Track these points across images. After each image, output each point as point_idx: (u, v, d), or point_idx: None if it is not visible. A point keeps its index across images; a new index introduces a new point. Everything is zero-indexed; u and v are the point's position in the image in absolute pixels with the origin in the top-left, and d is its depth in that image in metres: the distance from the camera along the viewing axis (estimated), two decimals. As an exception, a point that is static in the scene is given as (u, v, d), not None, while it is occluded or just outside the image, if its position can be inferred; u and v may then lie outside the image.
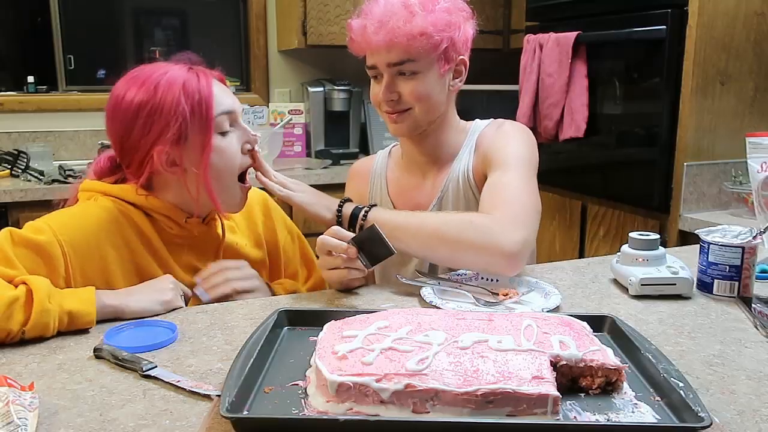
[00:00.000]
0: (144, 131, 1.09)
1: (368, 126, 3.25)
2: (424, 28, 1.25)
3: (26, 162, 2.52)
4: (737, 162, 2.11)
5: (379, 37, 1.26)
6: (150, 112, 1.08)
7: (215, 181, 1.13)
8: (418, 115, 1.32)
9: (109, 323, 1.00)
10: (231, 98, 1.16)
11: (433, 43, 1.27)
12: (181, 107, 1.08)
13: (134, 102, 1.09)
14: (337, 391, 0.70)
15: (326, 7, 2.96)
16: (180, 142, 1.09)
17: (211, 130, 1.10)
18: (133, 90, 1.09)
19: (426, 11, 1.26)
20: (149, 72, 1.11)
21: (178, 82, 1.09)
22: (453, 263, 1.23)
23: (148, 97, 1.08)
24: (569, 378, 0.78)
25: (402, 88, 1.30)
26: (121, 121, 1.11)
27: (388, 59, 1.29)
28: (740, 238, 1.16)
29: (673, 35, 2.06)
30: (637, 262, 1.20)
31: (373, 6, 1.30)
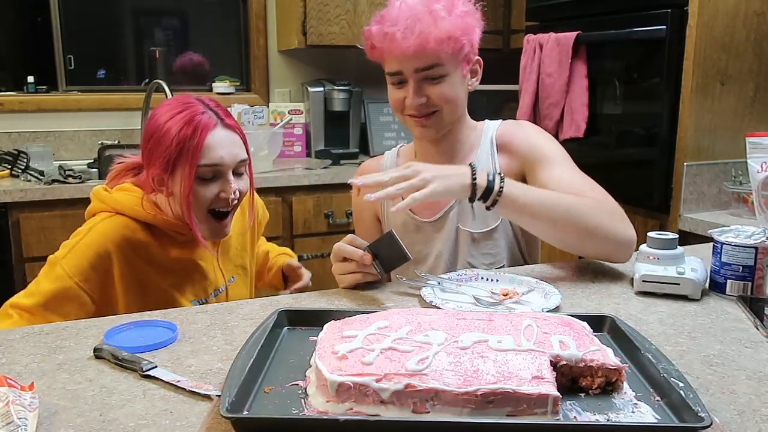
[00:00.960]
0: (149, 152, 1.27)
1: (368, 126, 3.25)
2: (451, 31, 1.27)
3: (26, 162, 2.52)
4: (737, 162, 2.11)
5: (408, 42, 1.26)
6: (155, 138, 1.25)
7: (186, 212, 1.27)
8: (445, 116, 1.35)
9: (109, 323, 1.00)
10: (227, 151, 1.27)
11: (459, 46, 1.30)
12: (174, 146, 1.23)
13: (150, 125, 1.28)
14: (337, 391, 0.70)
15: (326, 7, 2.96)
16: (168, 171, 1.26)
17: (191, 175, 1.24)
18: (156, 114, 1.28)
19: (451, 15, 1.28)
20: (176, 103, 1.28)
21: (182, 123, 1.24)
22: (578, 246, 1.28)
23: (160, 125, 1.25)
24: (569, 378, 0.78)
25: (429, 91, 1.32)
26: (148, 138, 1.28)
27: (416, 64, 1.30)
28: (753, 238, 1.16)
29: (673, 35, 2.06)
30: (649, 260, 1.20)
31: (393, 12, 1.29)
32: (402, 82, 1.34)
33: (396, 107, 1.38)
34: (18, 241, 2.33)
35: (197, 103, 1.28)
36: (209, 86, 3.21)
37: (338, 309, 1.03)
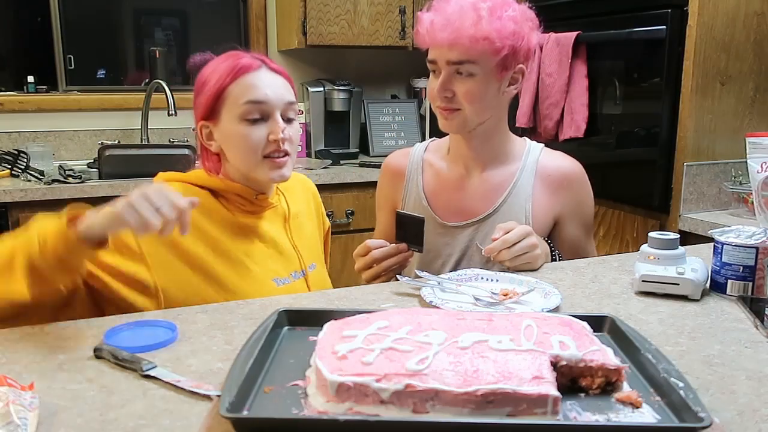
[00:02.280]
0: (196, 108, 1.26)
1: (368, 126, 3.25)
2: (488, 33, 1.28)
3: (26, 162, 2.52)
4: (737, 162, 2.11)
5: (444, 34, 1.30)
6: (198, 90, 1.25)
7: (239, 161, 1.24)
8: (467, 115, 1.36)
9: (110, 323, 1.00)
10: (272, 91, 1.22)
11: (495, 49, 1.30)
12: (216, 88, 1.21)
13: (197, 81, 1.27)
14: (337, 391, 0.70)
15: (326, 7, 2.96)
16: (214, 119, 1.24)
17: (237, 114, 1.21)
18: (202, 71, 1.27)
19: (493, 17, 1.29)
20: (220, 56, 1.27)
21: (227, 66, 1.22)
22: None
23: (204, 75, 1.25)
24: (569, 378, 0.78)
25: (457, 87, 1.34)
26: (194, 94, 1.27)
27: (448, 57, 1.33)
28: (754, 238, 1.16)
29: (673, 35, 2.06)
30: (649, 261, 1.20)
31: (445, 4, 1.33)
32: (436, 71, 1.37)
33: (429, 96, 1.41)
34: (18, 241, 2.33)
35: (241, 51, 1.26)
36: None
37: (338, 309, 1.03)
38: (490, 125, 1.41)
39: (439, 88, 1.35)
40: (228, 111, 1.21)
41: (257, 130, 1.21)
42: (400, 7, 3.04)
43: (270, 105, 1.21)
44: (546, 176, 1.45)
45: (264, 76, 1.23)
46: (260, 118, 1.21)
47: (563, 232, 1.47)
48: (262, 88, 1.21)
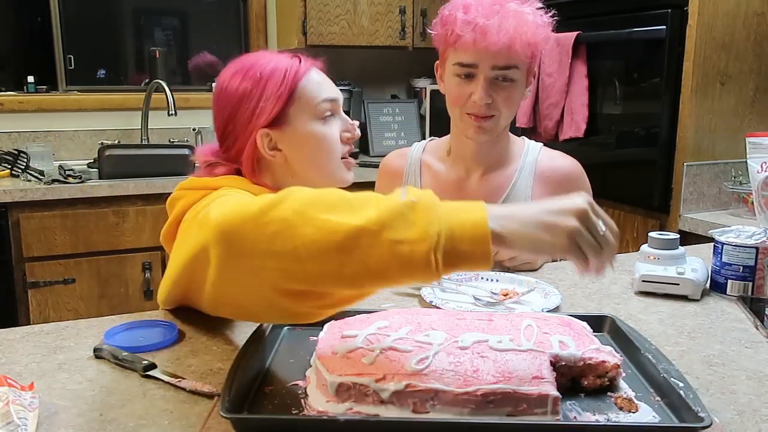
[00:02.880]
0: (249, 114, 1.07)
1: (368, 126, 3.25)
2: (534, 38, 1.28)
3: (26, 162, 2.52)
4: (737, 162, 2.11)
5: (499, 38, 1.24)
6: (256, 95, 1.07)
7: (316, 165, 1.11)
8: (501, 122, 1.35)
9: (109, 323, 1.00)
10: (334, 87, 1.15)
11: (535, 54, 1.31)
12: (283, 89, 1.07)
13: (240, 86, 1.08)
14: (337, 391, 0.70)
15: (326, 7, 2.96)
16: (281, 125, 1.08)
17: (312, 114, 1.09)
18: (239, 76, 1.09)
19: (536, 22, 1.29)
20: (255, 59, 1.12)
21: (282, 67, 1.09)
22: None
23: (254, 80, 1.08)
24: (569, 378, 0.78)
25: (497, 92, 1.31)
26: (227, 106, 1.09)
27: (496, 62, 1.28)
28: (754, 238, 1.16)
29: (673, 35, 2.06)
30: (649, 261, 1.20)
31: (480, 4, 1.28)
32: (471, 75, 1.31)
33: (457, 102, 1.35)
34: (18, 241, 2.33)
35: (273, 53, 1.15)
36: (210, 86, 3.21)
37: (338, 309, 1.02)
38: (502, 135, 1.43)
39: (483, 95, 1.29)
40: (299, 112, 1.08)
41: (334, 129, 1.12)
42: (400, 7, 3.04)
43: (339, 102, 1.15)
44: (544, 177, 1.44)
45: (320, 72, 1.15)
46: (332, 116, 1.13)
47: None
48: (330, 86, 1.14)
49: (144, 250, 2.49)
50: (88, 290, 2.44)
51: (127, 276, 2.49)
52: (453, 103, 1.36)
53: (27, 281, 2.36)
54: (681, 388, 0.73)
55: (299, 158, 1.10)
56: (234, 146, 1.10)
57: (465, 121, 1.35)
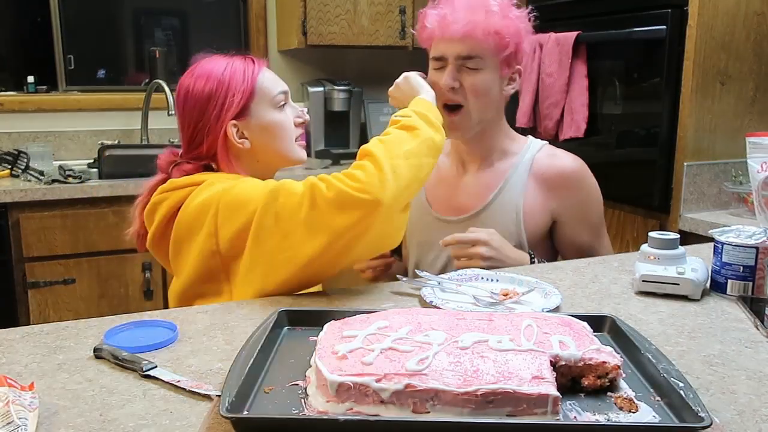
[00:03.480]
0: (218, 110, 1.23)
1: (368, 126, 3.26)
2: (499, 28, 1.34)
3: (26, 162, 2.52)
4: (737, 162, 2.11)
5: (458, 26, 1.33)
6: (221, 93, 1.23)
7: (276, 148, 1.29)
8: (472, 113, 1.39)
9: (109, 323, 1.00)
10: (282, 82, 1.33)
11: (503, 45, 1.36)
12: (248, 84, 1.25)
13: (206, 87, 1.23)
14: (337, 391, 0.70)
15: (326, 7, 2.96)
16: (245, 117, 1.25)
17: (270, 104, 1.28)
18: (202, 79, 1.24)
19: (503, 14, 1.35)
20: (214, 62, 1.27)
21: (240, 67, 1.26)
22: None
23: (218, 81, 1.24)
24: (569, 378, 0.78)
25: (464, 79, 1.37)
26: (195, 106, 1.24)
27: (458, 51, 1.36)
28: (754, 238, 1.16)
29: (673, 35, 2.06)
30: (649, 261, 1.20)
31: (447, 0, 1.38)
32: (443, 68, 1.39)
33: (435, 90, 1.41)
34: (18, 241, 2.34)
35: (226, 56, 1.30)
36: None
37: (338, 309, 1.03)
38: (489, 125, 1.44)
39: (447, 78, 1.36)
40: (260, 104, 1.26)
41: (288, 116, 1.30)
42: (400, 7, 3.04)
43: (288, 93, 1.33)
44: (540, 174, 1.45)
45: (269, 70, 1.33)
46: (283, 105, 1.30)
47: (565, 234, 1.47)
48: (279, 79, 1.32)
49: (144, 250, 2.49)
50: (88, 290, 2.44)
51: (127, 276, 2.49)
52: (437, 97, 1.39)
53: (27, 281, 2.36)
54: (681, 388, 0.73)
55: (262, 143, 1.28)
56: (204, 142, 1.25)
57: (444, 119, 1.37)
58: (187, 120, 1.26)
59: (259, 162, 1.29)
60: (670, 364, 0.80)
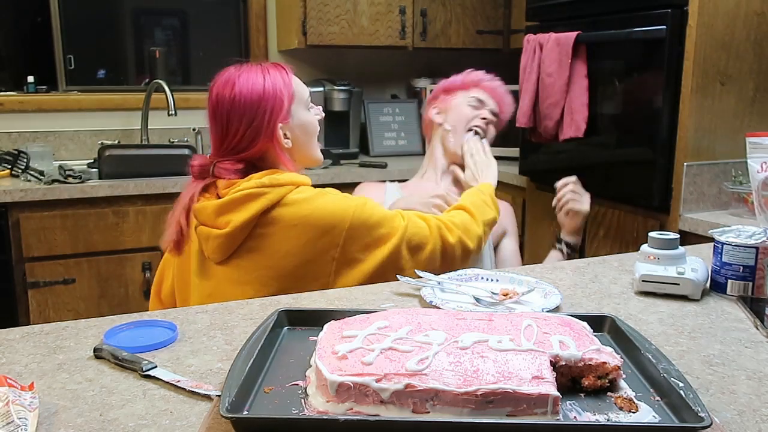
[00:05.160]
0: (269, 114, 1.30)
1: (368, 126, 3.26)
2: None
3: (26, 162, 2.52)
4: (737, 162, 2.11)
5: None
6: (270, 98, 1.30)
7: (308, 147, 1.40)
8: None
9: (109, 323, 1.00)
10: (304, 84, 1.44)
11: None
12: (288, 91, 1.33)
13: (254, 93, 1.30)
14: (337, 391, 0.70)
15: (326, 7, 2.96)
16: (287, 118, 1.33)
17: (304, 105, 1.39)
18: (246, 85, 1.30)
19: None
20: (250, 70, 1.33)
21: (276, 72, 1.34)
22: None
23: (264, 87, 1.31)
24: (569, 378, 0.78)
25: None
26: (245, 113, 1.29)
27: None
28: (754, 238, 1.16)
29: (673, 35, 2.06)
30: (649, 261, 1.20)
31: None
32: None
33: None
34: (18, 241, 2.34)
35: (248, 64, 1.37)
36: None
37: (338, 309, 1.03)
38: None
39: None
40: (298, 106, 1.36)
41: (315, 116, 1.43)
42: (400, 7, 3.04)
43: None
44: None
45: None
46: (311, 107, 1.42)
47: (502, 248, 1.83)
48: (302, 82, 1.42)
49: (144, 250, 2.50)
50: (88, 290, 2.44)
51: (127, 276, 2.49)
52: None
53: (27, 281, 2.36)
54: (681, 388, 0.73)
55: (301, 143, 1.37)
56: (253, 144, 1.30)
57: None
58: (234, 127, 1.30)
59: (295, 161, 1.38)
60: (670, 364, 0.80)
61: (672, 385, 0.74)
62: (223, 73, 1.33)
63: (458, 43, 3.15)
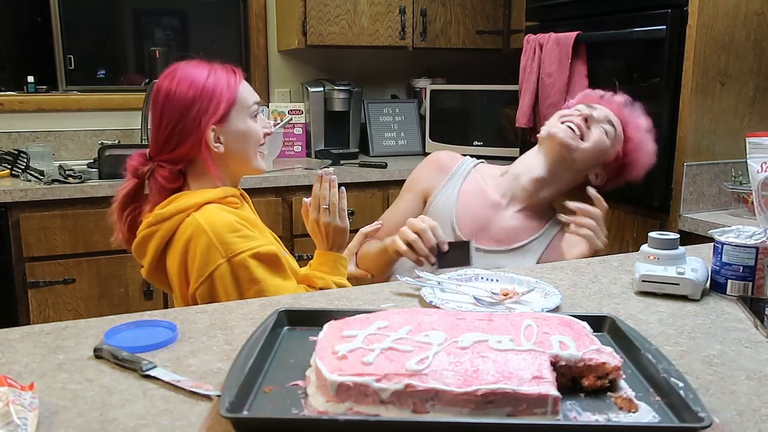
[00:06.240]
0: (201, 114, 1.27)
1: (368, 126, 3.26)
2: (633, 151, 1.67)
3: (26, 162, 2.52)
4: (737, 162, 2.11)
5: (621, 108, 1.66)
6: (206, 98, 1.28)
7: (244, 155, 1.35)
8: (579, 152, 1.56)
9: (109, 323, 1.00)
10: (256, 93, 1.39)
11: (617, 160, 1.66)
12: (229, 93, 1.30)
13: (190, 90, 1.27)
14: (337, 391, 0.70)
15: (326, 7, 2.96)
16: (224, 123, 1.30)
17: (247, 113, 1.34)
18: (185, 83, 1.28)
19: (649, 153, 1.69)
20: (196, 67, 1.31)
21: (224, 75, 1.31)
22: None
23: (203, 85, 1.28)
24: (569, 378, 0.78)
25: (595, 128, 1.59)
26: (176, 109, 1.27)
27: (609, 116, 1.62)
28: (754, 238, 1.16)
29: (673, 35, 2.06)
30: (649, 261, 1.20)
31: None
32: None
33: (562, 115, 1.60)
34: (18, 241, 2.34)
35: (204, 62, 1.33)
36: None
37: (338, 309, 1.03)
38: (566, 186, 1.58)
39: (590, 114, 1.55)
40: (239, 112, 1.32)
41: (259, 125, 1.37)
42: (400, 7, 3.04)
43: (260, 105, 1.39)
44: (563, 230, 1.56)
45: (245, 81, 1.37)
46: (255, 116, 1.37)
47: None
48: (253, 91, 1.38)
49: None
50: (88, 290, 2.44)
51: (127, 276, 2.49)
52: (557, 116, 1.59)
53: (27, 281, 2.36)
54: (681, 388, 0.73)
55: (235, 149, 1.33)
56: (182, 144, 1.29)
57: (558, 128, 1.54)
58: (165, 121, 1.28)
59: (228, 168, 1.35)
60: (670, 364, 0.80)
61: (672, 385, 0.74)
62: (171, 66, 1.32)
63: (458, 43, 3.15)
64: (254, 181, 2.57)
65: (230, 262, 1.22)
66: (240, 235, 1.24)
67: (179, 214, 1.26)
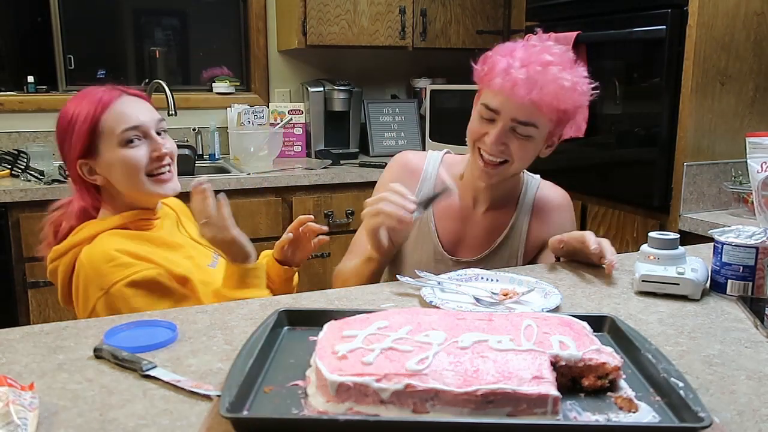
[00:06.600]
0: (67, 148, 1.30)
1: (368, 126, 3.26)
2: (566, 107, 1.29)
3: (26, 162, 2.52)
4: (737, 162, 2.11)
5: (525, 94, 1.25)
6: (69, 132, 1.29)
7: (130, 184, 1.29)
8: (510, 170, 1.37)
9: (109, 323, 1.00)
10: (141, 112, 1.31)
11: (563, 120, 1.33)
12: (88, 125, 1.27)
13: (60, 124, 1.31)
14: (337, 391, 0.70)
15: (326, 7, 2.96)
16: (94, 155, 1.28)
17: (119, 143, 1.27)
18: (61, 116, 1.32)
19: (573, 92, 1.28)
20: (76, 98, 1.32)
21: (85, 107, 1.28)
22: None
23: (67, 120, 1.30)
24: (569, 378, 0.78)
25: (511, 142, 1.32)
26: (57, 142, 1.34)
27: (517, 115, 1.29)
28: (754, 238, 1.16)
29: (673, 35, 2.06)
30: (649, 261, 1.20)
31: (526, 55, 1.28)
32: (492, 120, 1.32)
33: (472, 137, 1.36)
34: (18, 241, 2.33)
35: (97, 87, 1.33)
36: (209, 86, 3.21)
37: (338, 309, 1.03)
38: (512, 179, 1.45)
39: (495, 140, 1.30)
40: (106, 142, 1.27)
41: (139, 151, 1.28)
42: (400, 7, 3.04)
43: (145, 126, 1.30)
44: (539, 210, 1.49)
45: (127, 100, 1.31)
46: (138, 140, 1.29)
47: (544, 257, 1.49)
48: (132, 113, 1.29)
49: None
50: (88, 290, 2.44)
51: (127, 276, 2.48)
52: (468, 136, 1.38)
53: (27, 281, 2.36)
54: (681, 388, 0.73)
55: (115, 180, 1.30)
56: (70, 177, 1.35)
57: (476, 157, 1.36)
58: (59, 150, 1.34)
59: (120, 196, 1.32)
60: (670, 364, 0.80)
61: (672, 385, 0.74)
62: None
63: (458, 44, 3.15)
64: (254, 181, 2.57)
65: (107, 294, 1.21)
66: (114, 265, 1.21)
67: (75, 248, 1.27)
